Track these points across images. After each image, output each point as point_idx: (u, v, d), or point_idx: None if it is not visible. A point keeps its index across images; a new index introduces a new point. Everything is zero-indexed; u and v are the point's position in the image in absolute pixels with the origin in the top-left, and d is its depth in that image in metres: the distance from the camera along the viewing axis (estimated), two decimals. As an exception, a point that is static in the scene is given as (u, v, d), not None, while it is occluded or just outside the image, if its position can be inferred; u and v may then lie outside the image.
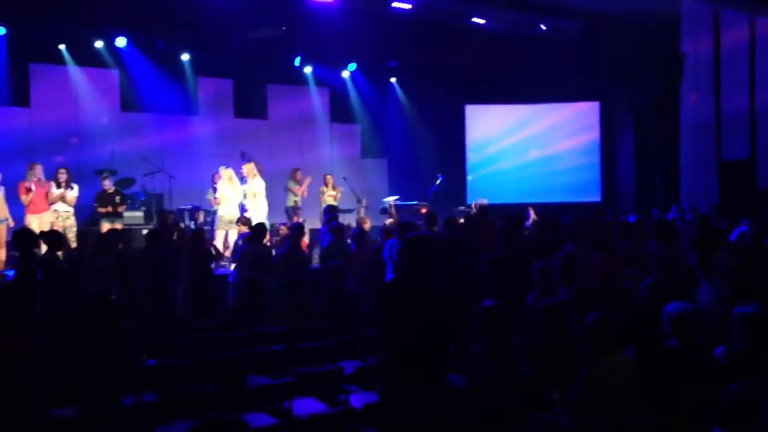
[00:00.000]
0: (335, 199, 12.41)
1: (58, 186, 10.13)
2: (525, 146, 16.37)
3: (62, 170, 10.19)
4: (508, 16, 12.68)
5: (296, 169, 12.73)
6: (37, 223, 9.80)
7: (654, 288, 4.87)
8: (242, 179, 11.21)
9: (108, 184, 10.74)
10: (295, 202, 12.34)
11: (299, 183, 12.48)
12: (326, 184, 12.60)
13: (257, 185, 11.15)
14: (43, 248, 7.25)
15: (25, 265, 6.65)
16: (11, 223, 9.80)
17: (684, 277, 6.01)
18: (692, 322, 4.07)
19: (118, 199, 10.70)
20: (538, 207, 12.05)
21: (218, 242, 10.56)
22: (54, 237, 6.88)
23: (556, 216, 10.25)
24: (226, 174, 11.05)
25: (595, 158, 16.30)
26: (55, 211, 10.06)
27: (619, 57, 14.03)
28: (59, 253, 7.03)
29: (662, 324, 4.03)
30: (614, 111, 16.18)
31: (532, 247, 6.79)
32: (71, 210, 10.24)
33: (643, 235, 7.82)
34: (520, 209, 10.47)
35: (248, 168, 11.19)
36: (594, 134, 16.30)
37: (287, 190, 12.50)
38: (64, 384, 4.66)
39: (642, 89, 14.87)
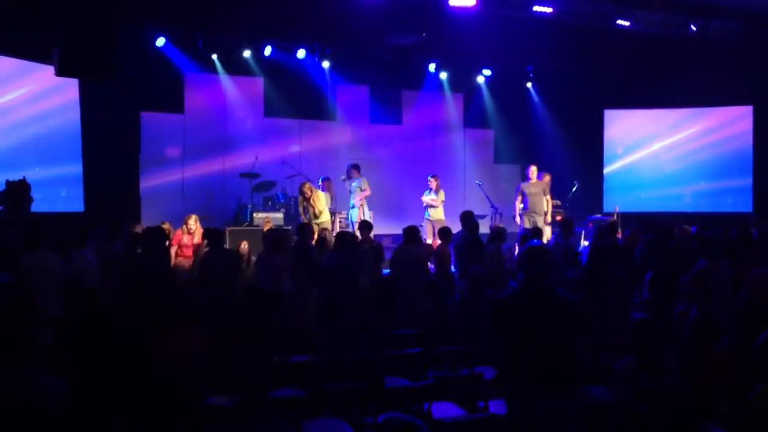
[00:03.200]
0: (434, 202, 11.73)
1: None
2: (669, 151, 15.55)
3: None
4: (657, 17, 12.06)
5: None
6: None
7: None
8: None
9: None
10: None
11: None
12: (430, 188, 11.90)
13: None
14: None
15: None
16: None
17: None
18: None
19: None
20: (683, 216, 11.41)
21: None
22: (215, 234, 7.30)
23: (702, 227, 9.67)
24: (309, 189, 11.06)
25: (747, 165, 15.19)
26: None
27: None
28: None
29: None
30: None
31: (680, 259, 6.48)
32: None
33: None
34: (664, 218, 9.97)
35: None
36: (746, 140, 15.21)
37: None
38: (217, 373, 4.93)
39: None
